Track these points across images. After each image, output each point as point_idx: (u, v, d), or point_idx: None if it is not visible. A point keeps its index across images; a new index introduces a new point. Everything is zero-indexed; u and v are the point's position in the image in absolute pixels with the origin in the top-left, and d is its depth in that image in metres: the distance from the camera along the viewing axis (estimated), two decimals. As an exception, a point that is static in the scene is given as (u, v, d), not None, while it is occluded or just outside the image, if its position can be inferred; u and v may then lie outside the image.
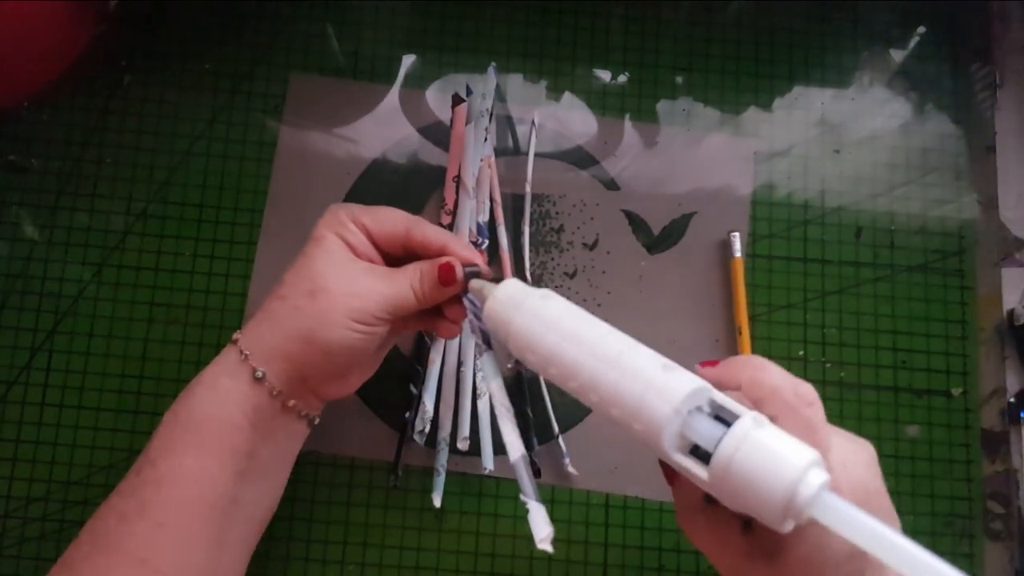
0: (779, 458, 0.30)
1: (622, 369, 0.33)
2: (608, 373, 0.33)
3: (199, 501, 0.40)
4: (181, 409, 0.41)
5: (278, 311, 0.41)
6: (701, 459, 0.31)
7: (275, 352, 0.40)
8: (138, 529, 0.39)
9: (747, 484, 0.30)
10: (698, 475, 0.31)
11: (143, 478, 0.40)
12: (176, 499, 0.39)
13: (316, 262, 0.41)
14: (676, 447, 0.32)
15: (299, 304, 0.40)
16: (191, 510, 0.39)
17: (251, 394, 0.40)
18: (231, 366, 0.41)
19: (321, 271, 0.40)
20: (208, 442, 0.40)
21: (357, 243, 0.42)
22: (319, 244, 0.41)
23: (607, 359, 0.33)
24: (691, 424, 0.32)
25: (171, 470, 0.39)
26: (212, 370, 0.41)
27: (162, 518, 0.39)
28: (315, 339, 0.40)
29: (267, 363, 0.40)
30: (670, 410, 0.31)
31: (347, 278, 0.40)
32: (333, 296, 0.40)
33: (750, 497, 0.30)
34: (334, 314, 0.40)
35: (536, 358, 0.36)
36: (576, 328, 0.35)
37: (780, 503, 0.29)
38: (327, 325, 0.40)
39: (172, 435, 0.40)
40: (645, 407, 0.32)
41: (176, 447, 0.40)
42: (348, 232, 0.42)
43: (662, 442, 0.31)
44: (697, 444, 0.31)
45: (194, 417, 0.40)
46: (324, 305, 0.40)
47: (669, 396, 0.32)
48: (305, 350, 0.40)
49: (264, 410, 0.41)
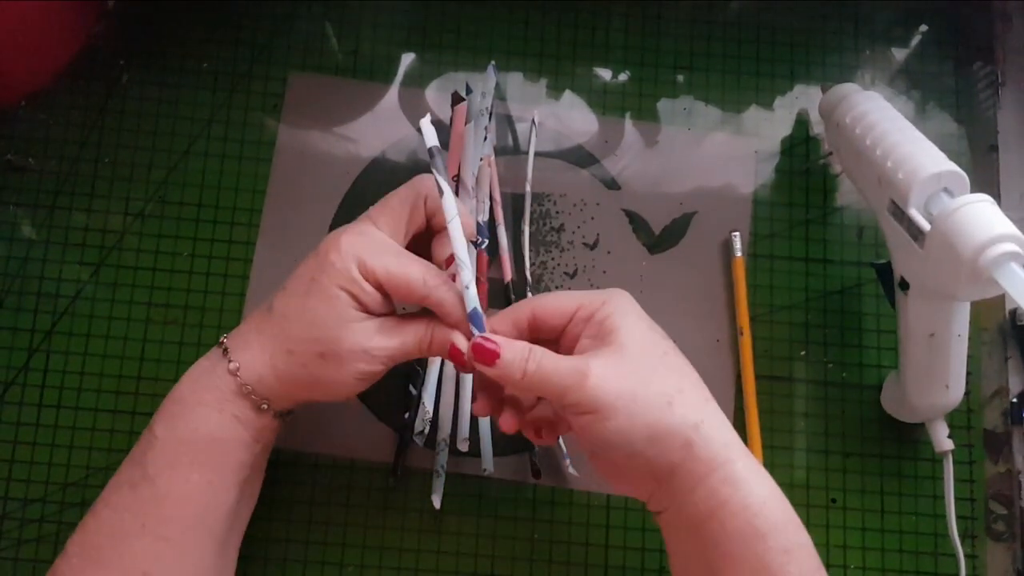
0: (984, 223, 0.40)
1: (913, 142, 0.45)
2: (903, 140, 0.46)
3: (205, 515, 0.40)
4: (181, 425, 0.41)
5: (283, 363, 0.41)
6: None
7: (279, 394, 0.41)
8: (138, 544, 0.39)
9: (961, 232, 0.40)
10: (922, 224, 0.43)
11: (141, 494, 0.40)
12: (180, 515, 0.40)
13: (326, 323, 0.40)
14: (915, 203, 0.44)
15: (307, 363, 0.40)
16: (197, 526, 0.40)
17: (256, 418, 0.42)
18: (233, 395, 0.41)
19: (332, 335, 0.40)
20: (214, 460, 0.41)
21: (368, 301, 0.41)
22: (328, 303, 0.40)
23: (905, 133, 0.46)
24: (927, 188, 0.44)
25: (175, 487, 0.40)
26: (212, 393, 0.41)
27: (166, 533, 0.39)
28: (318, 390, 0.41)
29: (271, 400, 0.42)
30: (934, 169, 0.43)
31: (359, 341, 0.40)
32: (342, 361, 0.40)
33: (957, 243, 0.40)
34: (341, 374, 0.41)
35: (853, 120, 0.48)
36: (887, 109, 0.48)
37: (976, 250, 0.39)
38: (332, 383, 0.41)
39: (173, 451, 0.40)
40: (916, 163, 0.44)
41: (179, 465, 0.40)
42: (360, 292, 0.40)
43: (913, 189, 0.43)
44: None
45: (199, 435, 0.40)
46: (332, 368, 0.40)
47: (936, 162, 0.44)
48: (306, 394, 0.42)
49: (268, 427, 0.42)
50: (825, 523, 0.51)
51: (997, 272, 0.39)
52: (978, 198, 0.41)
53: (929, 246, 0.42)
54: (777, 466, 0.52)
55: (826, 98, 0.51)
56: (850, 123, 0.48)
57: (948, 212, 0.41)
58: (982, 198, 0.41)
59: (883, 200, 0.46)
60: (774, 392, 0.53)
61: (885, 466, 0.52)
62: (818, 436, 0.52)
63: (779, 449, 0.52)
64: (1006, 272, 0.39)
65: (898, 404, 0.50)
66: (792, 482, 0.51)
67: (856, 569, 0.50)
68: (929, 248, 0.42)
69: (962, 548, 0.49)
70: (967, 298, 0.45)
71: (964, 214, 0.40)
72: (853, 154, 0.48)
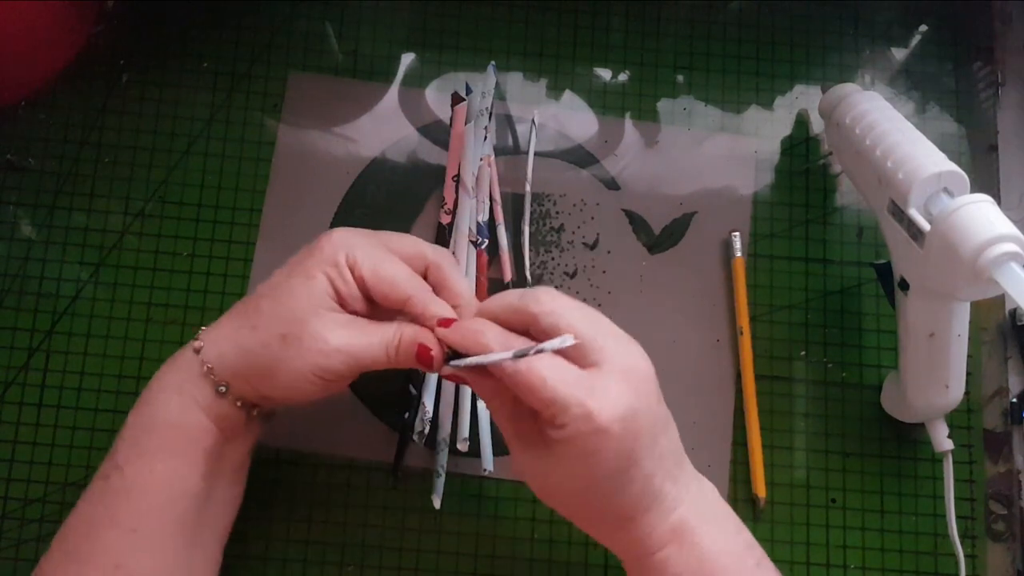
0: (984, 223, 0.40)
1: (913, 142, 0.45)
2: (903, 140, 0.46)
3: (170, 505, 0.40)
4: (145, 412, 0.41)
5: (246, 338, 0.40)
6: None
7: (237, 373, 0.41)
8: (110, 536, 0.39)
9: (961, 232, 0.40)
10: (922, 224, 0.43)
11: (111, 484, 0.40)
12: (147, 505, 0.39)
13: (297, 303, 0.40)
14: (915, 203, 0.44)
15: (268, 342, 0.40)
16: (162, 515, 0.40)
17: (216, 403, 0.41)
18: (194, 375, 0.41)
19: (299, 316, 0.40)
20: (177, 447, 0.40)
21: (346, 293, 0.41)
22: (306, 283, 0.40)
23: (905, 133, 0.46)
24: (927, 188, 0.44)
25: (140, 476, 0.40)
26: (174, 375, 0.41)
27: (134, 524, 0.39)
28: (275, 378, 0.40)
29: (229, 381, 0.41)
30: (934, 169, 0.44)
31: (322, 329, 0.39)
32: (302, 347, 0.39)
33: (957, 243, 0.40)
34: (299, 363, 0.39)
35: (853, 120, 0.49)
36: (887, 109, 0.49)
37: (976, 250, 0.39)
38: (289, 372, 0.40)
39: (139, 440, 0.40)
40: (916, 164, 0.44)
41: (144, 453, 0.40)
42: (340, 280, 0.40)
43: (913, 190, 0.43)
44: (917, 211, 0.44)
45: (161, 422, 0.40)
46: (291, 353, 0.39)
47: (936, 162, 0.44)
48: (264, 381, 0.41)
49: (230, 417, 0.42)
50: (825, 523, 0.51)
51: (997, 272, 0.39)
52: (978, 198, 0.41)
53: (929, 246, 0.42)
54: (777, 466, 0.52)
55: (826, 98, 0.51)
56: (850, 123, 0.48)
57: (948, 212, 0.41)
58: (982, 198, 0.41)
59: (883, 200, 0.46)
60: (774, 392, 0.53)
61: (885, 466, 0.52)
62: (818, 436, 0.52)
63: (779, 449, 0.52)
64: (1006, 272, 0.39)
65: (898, 404, 0.50)
66: (792, 482, 0.51)
67: (856, 569, 0.50)
68: (929, 248, 0.42)
69: (962, 548, 0.49)
70: (967, 298, 0.45)
71: (964, 214, 0.40)
72: (853, 154, 0.48)
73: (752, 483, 0.51)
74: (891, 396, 0.51)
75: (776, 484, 0.51)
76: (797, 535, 0.51)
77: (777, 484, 0.51)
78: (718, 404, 0.52)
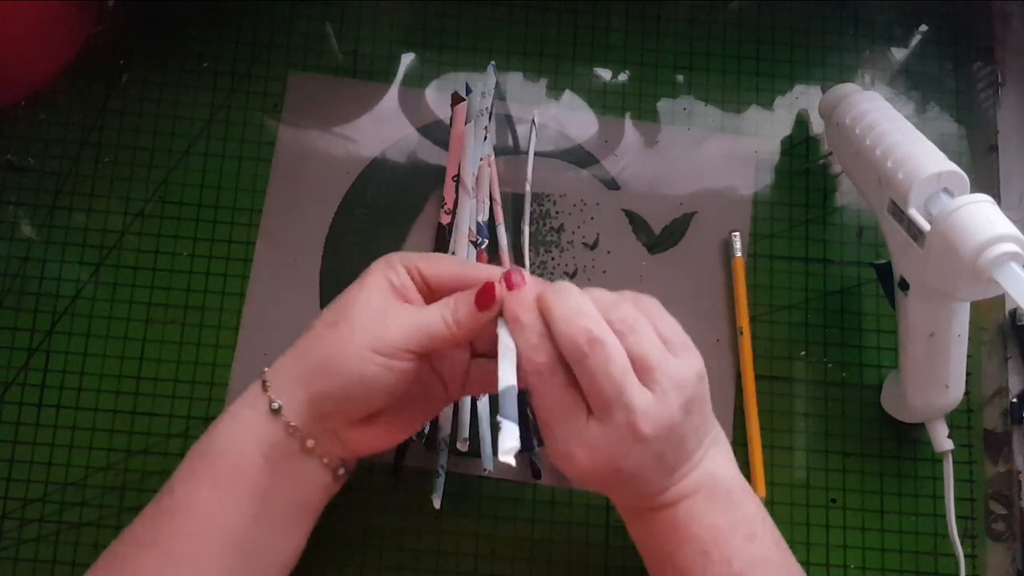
0: (984, 223, 0.40)
1: (913, 142, 0.45)
2: (903, 140, 0.46)
3: (211, 535, 0.39)
4: (204, 438, 0.40)
5: (303, 341, 0.40)
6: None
7: (294, 381, 0.39)
8: (148, 557, 0.38)
9: (961, 232, 0.40)
10: (922, 224, 0.43)
11: (160, 506, 0.39)
12: (187, 530, 0.39)
13: (350, 297, 0.40)
14: (915, 203, 0.44)
15: (321, 332, 0.40)
16: (201, 542, 0.39)
17: (267, 428, 0.39)
18: (252, 397, 0.40)
19: (350, 304, 0.40)
20: (223, 474, 0.39)
21: (400, 284, 0.40)
22: (360, 283, 0.41)
23: (905, 133, 0.46)
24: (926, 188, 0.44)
25: (186, 500, 0.39)
26: (238, 402, 0.41)
27: (171, 548, 0.39)
28: (331, 367, 0.39)
29: (286, 394, 0.39)
30: (934, 169, 0.43)
31: (374, 310, 0.39)
32: (353, 325, 0.38)
33: (957, 243, 0.40)
34: (352, 344, 0.38)
35: (853, 120, 0.49)
36: (887, 109, 0.49)
37: (976, 250, 0.39)
38: (344, 355, 0.38)
39: (193, 464, 0.40)
40: (916, 164, 0.44)
41: (194, 477, 0.40)
42: (393, 273, 0.40)
43: (913, 190, 0.43)
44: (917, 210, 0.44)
45: (213, 448, 0.40)
46: (344, 333, 0.38)
47: (936, 162, 0.44)
48: (321, 379, 0.39)
49: (280, 447, 0.40)
50: (825, 523, 0.51)
51: (997, 272, 0.39)
52: (978, 198, 0.41)
53: (929, 246, 0.42)
54: (777, 466, 0.52)
55: (826, 98, 0.51)
56: (850, 123, 0.48)
57: (948, 212, 0.41)
58: (982, 198, 0.41)
59: (883, 200, 0.46)
60: (774, 392, 0.53)
61: (885, 466, 0.52)
62: (818, 436, 0.52)
63: (779, 449, 0.52)
64: (1006, 272, 0.39)
65: (898, 404, 0.50)
66: (792, 482, 0.51)
67: (856, 569, 0.50)
68: (929, 248, 0.42)
69: (962, 548, 0.49)
70: (967, 298, 0.45)
71: (964, 214, 0.40)
72: (853, 154, 0.48)
73: (752, 483, 0.51)
74: (891, 396, 0.51)
75: (776, 484, 0.51)
76: (797, 535, 0.51)
77: (777, 484, 0.51)
78: (718, 404, 0.52)
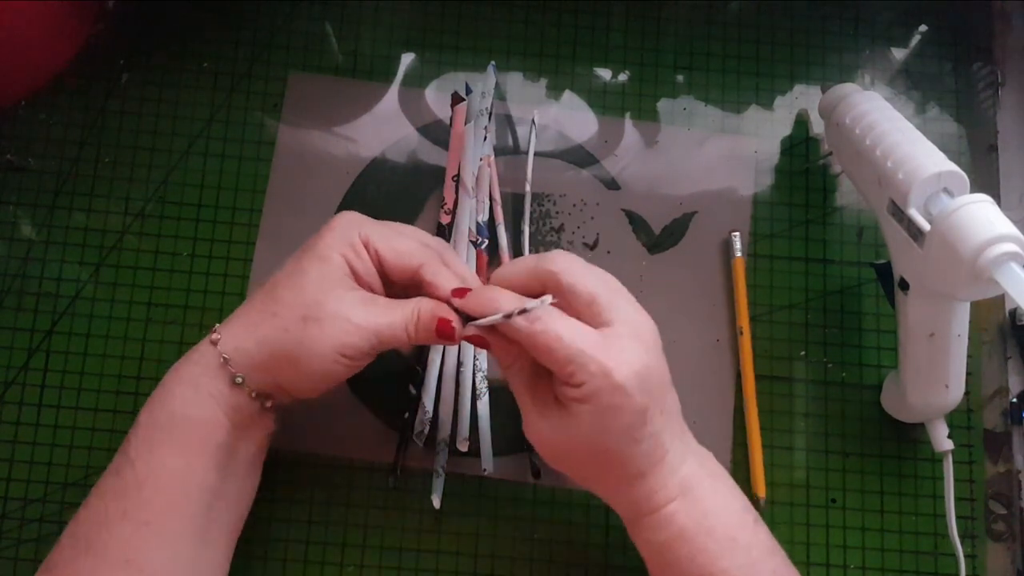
0: (984, 223, 0.40)
1: (913, 142, 0.45)
2: (903, 140, 0.46)
3: (182, 500, 0.40)
4: (158, 407, 0.41)
5: (265, 326, 0.41)
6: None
7: (256, 364, 0.41)
8: (121, 530, 0.39)
9: (961, 232, 0.40)
10: (922, 224, 0.43)
11: (123, 479, 0.40)
12: (159, 499, 0.39)
13: (313, 285, 0.40)
14: (915, 203, 0.44)
15: (288, 327, 0.40)
16: (174, 509, 0.40)
17: (230, 395, 0.41)
18: (211, 368, 0.41)
19: (318, 299, 0.40)
20: (190, 441, 0.40)
21: (362, 271, 0.41)
22: (321, 264, 0.41)
23: (905, 133, 0.46)
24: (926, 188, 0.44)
25: (152, 470, 0.40)
26: (189, 369, 0.41)
27: (146, 518, 0.39)
28: (298, 363, 0.40)
29: (247, 371, 0.41)
30: (934, 169, 0.43)
31: (343, 308, 0.40)
32: (324, 328, 0.40)
33: (957, 243, 0.40)
34: (322, 346, 0.40)
35: (853, 120, 0.49)
36: (887, 109, 0.49)
37: (976, 250, 0.39)
38: (313, 355, 0.40)
39: (151, 434, 0.40)
40: (916, 164, 0.44)
41: (157, 447, 0.40)
42: (355, 257, 0.41)
43: (913, 190, 0.43)
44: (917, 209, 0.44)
45: (174, 416, 0.40)
46: (314, 334, 0.40)
47: (936, 162, 0.44)
48: (286, 369, 0.41)
49: (243, 409, 0.42)
50: (825, 523, 0.51)
51: (997, 272, 0.39)
52: (978, 198, 0.41)
53: (929, 246, 0.42)
54: (777, 466, 0.52)
55: (826, 98, 0.51)
56: (850, 123, 0.48)
57: (948, 212, 0.41)
58: (982, 198, 0.41)
59: (883, 200, 0.46)
60: (774, 392, 0.53)
61: (885, 466, 0.52)
62: (818, 436, 0.52)
63: (779, 449, 0.52)
64: (1006, 272, 0.39)
65: (898, 404, 0.50)
66: (792, 482, 0.51)
67: (856, 569, 0.50)
68: (929, 248, 0.42)
69: (962, 548, 0.49)
70: (967, 298, 0.45)
71: (964, 214, 0.40)
72: (853, 154, 0.48)
73: (752, 483, 0.51)
74: (891, 396, 0.51)
75: (776, 484, 0.51)
76: (797, 535, 0.51)
77: (777, 484, 0.51)
78: (718, 404, 0.52)
